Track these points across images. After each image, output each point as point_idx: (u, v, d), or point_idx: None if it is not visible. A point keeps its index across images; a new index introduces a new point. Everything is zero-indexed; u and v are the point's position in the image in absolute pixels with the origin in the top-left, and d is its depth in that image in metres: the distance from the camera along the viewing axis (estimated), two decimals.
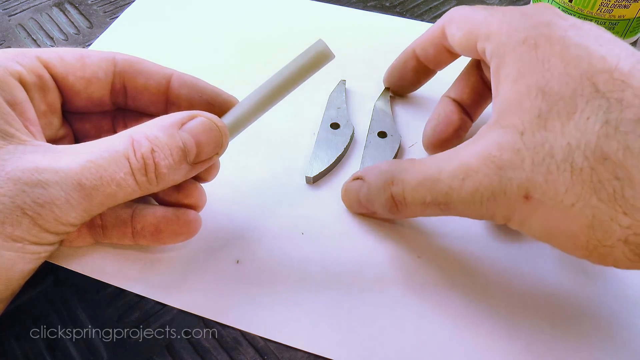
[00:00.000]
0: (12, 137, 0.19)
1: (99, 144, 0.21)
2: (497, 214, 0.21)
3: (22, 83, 0.22)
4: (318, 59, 0.23)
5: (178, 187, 0.25)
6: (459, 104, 0.30)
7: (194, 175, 0.23)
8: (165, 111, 0.25)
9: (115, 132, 0.26)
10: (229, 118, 0.24)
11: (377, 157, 0.30)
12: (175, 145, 0.21)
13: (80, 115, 0.26)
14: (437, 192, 0.22)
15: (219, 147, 0.23)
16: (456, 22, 0.26)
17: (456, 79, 0.30)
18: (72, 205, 0.19)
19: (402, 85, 0.34)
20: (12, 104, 0.20)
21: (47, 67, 0.23)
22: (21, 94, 0.21)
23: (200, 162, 0.23)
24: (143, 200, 0.26)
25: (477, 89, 0.29)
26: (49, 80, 0.23)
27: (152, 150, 0.21)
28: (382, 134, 0.31)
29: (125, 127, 0.26)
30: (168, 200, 0.25)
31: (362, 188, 0.26)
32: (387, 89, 0.32)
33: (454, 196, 0.21)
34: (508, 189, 0.20)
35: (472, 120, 0.30)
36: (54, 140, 0.25)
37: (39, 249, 0.19)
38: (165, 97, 0.25)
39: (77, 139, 0.27)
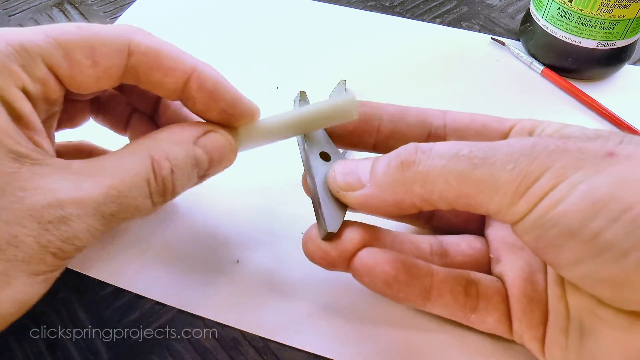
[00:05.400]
0: (24, 157, 0.18)
1: (117, 163, 0.19)
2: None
3: (27, 94, 0.19)
4: (341, 113, 0.22)
5: None
6: None
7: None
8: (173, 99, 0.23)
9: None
10: (241, 136, 0.23)
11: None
12: (190, 162, 0.21)
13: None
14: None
15: (228, 164, 0.23)
16: None
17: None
18: (92, 234, 0.18)
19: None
20: (17, 118, 0.18)
21: (52, 71, 0.20)
22: (26, 106, 0.19)
23: (206, 176, 0.22)
24: None
25: None
26: (54, 91, 0.20)
27: (172, 172, 0.20)
28: (325, 156, 0.23)
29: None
30: None
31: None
32: (303, 92, 0.25)
33: (499, 148, 0.18)
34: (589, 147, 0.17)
35: None
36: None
37: (56, 274, 0.19)
38: (179, 94, 0.22)
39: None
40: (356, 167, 0.21)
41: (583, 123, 0.23)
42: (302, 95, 0.25)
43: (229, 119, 0.23)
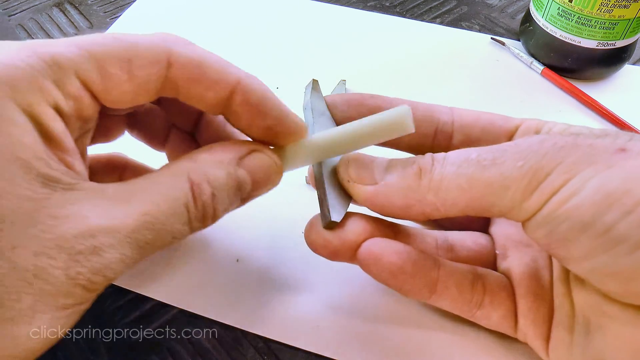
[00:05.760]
0: (56, 182, 0.16)
1: (154, 187, 0.18)
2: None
3: (59, 112, 0.18)
4: (396, 127, 0.20)
5: None
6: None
7: None
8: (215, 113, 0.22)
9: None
10: (287, 155, 0.22)
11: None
12: (233, 185, 0.19)
13: None
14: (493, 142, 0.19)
15: (273, 186, 0.21)
16: None
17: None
18: (125, 264, 0.17)
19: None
20: (49, 138, 0.17)
21: (87, 86, 0.18)
22: (58, 125, 0.17)
23: (249, 199, 0.21)
24: None
25: None
26: (88, 108, 0.19)
27: (213, 195, 0.19)
28: None
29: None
30: None
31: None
32: (315, 81, 0.24)
33: (507, 149, 0.18)
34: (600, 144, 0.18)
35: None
36: None
37: (85, 306, 0.18)
38: (222, 109, 0.21)
39: None
40: (371, 162, 0.21)
41: (583, 123, 0.23)
42: (315, 84, 0.24)
43: (274, 137, 0.21)
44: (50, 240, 0.16)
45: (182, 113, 0.25)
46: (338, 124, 0.23)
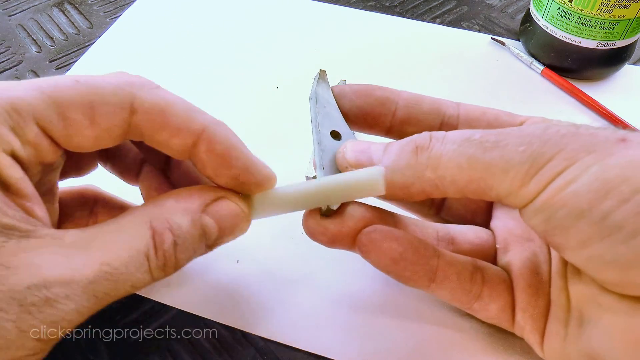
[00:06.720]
0: (10, 229, 0.16)
1: (114, 235, 0.18)
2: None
3: (17, 159, 0.17)
4: (367, 186, 0.20)
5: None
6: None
7: None
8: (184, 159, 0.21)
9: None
10: (255, 204, 0.21)
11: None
12: (197, 233, 0.19)
13: None
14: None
15: (240, 233, 0.21)
16: None
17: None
18: (82, 315, 0.17)
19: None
20: (5, 186, 0.17)
21: (46, 132, 0.18)
22: (15, 172, 0.17)
23: (215, 246, 0.21)
24: None
25: None
26: (48, 153, 0.18)
27: (175, 244, 0.18)
28: (335, 134, 0.23)
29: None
30: None
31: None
32: (323, 71, 0.24)
33: (511, 132, 0.18)
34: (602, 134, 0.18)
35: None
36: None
37: (41, 356, 0.17)
38: (188, 155, 0.20)
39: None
40: (369, 147, 0.21)
41: (583, 123, 0.23)
42: (322, 75, 0.24)
43: (241, 186, 0.21)
44: (1, 291, 0.15)
45: (152, 152, 0.24)
46: (344, 113, 0.23)
